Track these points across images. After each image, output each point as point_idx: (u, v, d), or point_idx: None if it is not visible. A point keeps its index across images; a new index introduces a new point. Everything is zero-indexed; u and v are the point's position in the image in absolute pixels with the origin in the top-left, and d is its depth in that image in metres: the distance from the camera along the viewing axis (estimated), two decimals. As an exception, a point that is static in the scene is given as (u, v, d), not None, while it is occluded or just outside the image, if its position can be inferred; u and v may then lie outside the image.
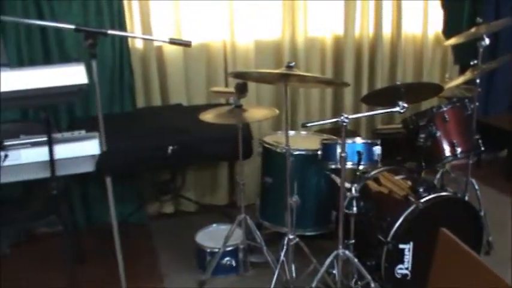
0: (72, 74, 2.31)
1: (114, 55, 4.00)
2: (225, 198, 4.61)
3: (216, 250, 3.48)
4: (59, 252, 3.39)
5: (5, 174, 2.57)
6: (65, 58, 3.82)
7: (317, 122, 3.03)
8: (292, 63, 2.84)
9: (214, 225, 3.82)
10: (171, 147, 3.62)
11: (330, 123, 2.94)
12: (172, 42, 2.52)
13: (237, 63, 4.36)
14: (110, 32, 2.50)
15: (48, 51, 3.87)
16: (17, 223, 2.95)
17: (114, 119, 3.90)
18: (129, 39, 4.06)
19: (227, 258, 3.53)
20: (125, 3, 4.04)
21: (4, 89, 2.25)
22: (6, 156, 2.54)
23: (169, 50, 4.19)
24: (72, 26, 2.45)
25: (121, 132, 3.56)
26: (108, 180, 2.61)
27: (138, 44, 4.16)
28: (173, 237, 4.12)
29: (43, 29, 3.87)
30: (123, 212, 4.08)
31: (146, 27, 4.10)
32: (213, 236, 3.67)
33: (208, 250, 3.54)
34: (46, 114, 2.41)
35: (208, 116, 3.20)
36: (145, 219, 4.33)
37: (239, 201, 4.22)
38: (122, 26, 3.97)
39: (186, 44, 2.52)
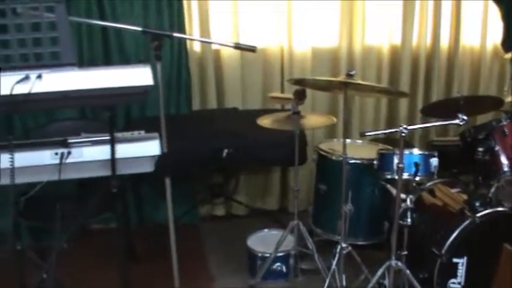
0: (138, 75, 2.35)
1: (172, 57, 4.05)
2: (276, 203, 4.62)
3: (267, 255, 3.48)
4: (112, 248, 3.44)
5: (67, 170, 2.62)
6: (124, 59, 3.90)
7: (376, 131, 3.02)
8: (353, 72, 2.84)
9: (265, 230, 3.83)
10: (226, 150, 3.64)
11: (387, 133, 2.93)
12: (237, 47, 2.54)
13: (294, 69, 4.36)
14: (175, 34, 2.54)
15: (108, 51, 3.95)
16: (76, 219, 3.00)
17: (171, 121, 3.93)
18: (188, 42, 4.10)
19: (278, 264, 3.54)
20: (185, 5, 4.08)
21: (72, 87, 2.31)
22: (69, 153, 2.60)
23: (227, 53, 4.22)
24: (140, 28, 2.50)
25: (177, 133, 3.60)
26: (167, 181, 2.64)
27: (196, 47, 4.21)
28: (224, 239, 4.14)
29: (104, 29, 3.95)
30: (175, 212, 4.12)
31: (205, 30, 4.14)
32: (264, 241, 3.67)
33: (260, 254, 3.55)
34: (110, 113, 2.45)
35: (265, 121, 3.21)
36: (197, 220, 4.37)
37: (292, 207, 4.26)
38: (181, 29, 4.02)
39: (251, 49, 2.53)
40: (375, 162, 3.18)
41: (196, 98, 4.24)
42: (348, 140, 3.75)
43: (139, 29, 2.50)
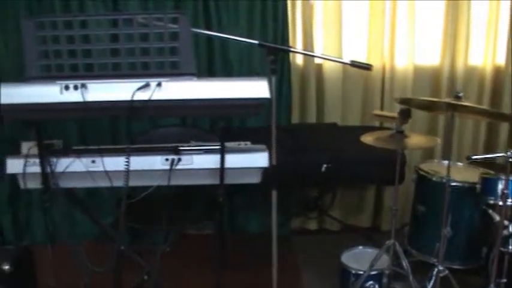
0: (255, 88, 2.40)
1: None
2: (368, 221, 4.59)
3: (361, 272, 3.45)
4: (206, 254, 3.52)
5: (176, 176, 2.69)
6: (227, 70, 3.98)
7: (483, 155, 2.96)
8: (461, 94, 2.80)
9: (360, 247, 3.79)
10: (325, 165, 3.65)
11: (494, 157, 2.87)
12: (354, 64, 2.54)
13: (394, 87, 4.32)
14: (292, 49, 2.57)
15: (212, 62, 4.04)
16: (180, 223, 3.09)
17: (270, 132, 3.98)
18: (291, 55, 4.13)
19: (371, 282, 3.49)
20: (289, 18, 4.12)
21: (190, 96, 2.38)
22: (179, 159, 2.67)
23: (329, 68, 4.23)
24: (256, 42, 2.55)
25: (277, 146, 3.64)
26: (274, 194, 2.68)
27: (298, 60, 4.24)
28: (315, 254, 4.14)
29: (209, 40, 4.04)
30: (267, 223, 4.16)
31: (308, 45, 4.15)
32: (358, 258, 3.64)
33: (353, 271, 3.51)
34: (223, 124, 2.52)
35: (368, 139, 3.21)
36: (289, 233, 4.39)
37: (384, 225, 4.22)
38: (285, 42, 4.05)
39: (367, 68, 2.53)
40: (477, 186, 3.12)
41: (296, 111, 4.27)
42: (447, 162, 3.73)
43: (256, 42, 2.55)
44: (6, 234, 4.34)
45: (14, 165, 2.76)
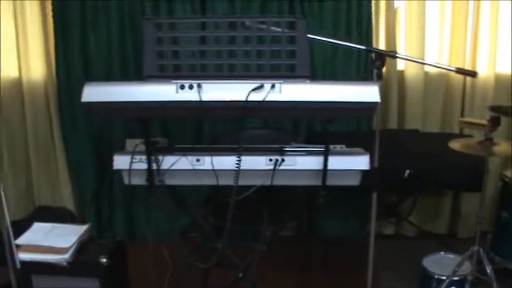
0: (366, 92, 2.43)
1: (358, 74, 4.12)
2: (444, 227, 4.58)
3: (443, 278, 3.46)
4: (289, 255, 3.56)
5: (278, 177, 2.74)
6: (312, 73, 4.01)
7: None
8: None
9: (441, 252, 3.80)
10: (408, 171, 3.65)
11: None
12: (459, 71, 2.56)
13: (475, 94, 4.31)
14: (398, 55, 2.61)
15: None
16: (279, 224, 3.14)
17: (351, 137, 4.01)
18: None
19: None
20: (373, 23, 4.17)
21: (303, 99, 2.43)
22: (282, 160, 2.71)
23: (411, 75, 4.24)
24: (363, 47, 2.59)
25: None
26: (374, 196, 2.71)
27: (380, 66, 4.25)
28: (393, 258, 4.15)
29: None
30: (344, 227, 4.22)
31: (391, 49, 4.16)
32: (439, 263, 3.64)
33: (436, 276, 3.52)
34: (328, 126, 2.57)
35: (456, 145, 3.22)
36: (367, 237, 4.39)
37: (462, 232, 4.21)
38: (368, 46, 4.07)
39: (472, 75, 2.55)
40: None
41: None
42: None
43: (363, 47, 2.59)
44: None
45: (120, 162, 2.84)
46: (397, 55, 2.62)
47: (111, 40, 4.21)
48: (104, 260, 3.21)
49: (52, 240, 3.32)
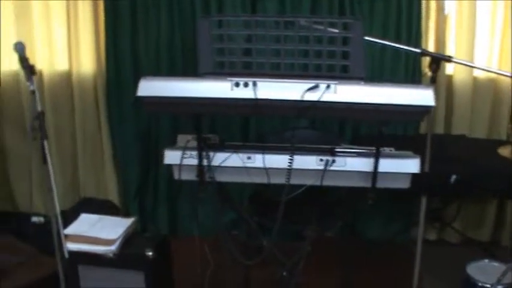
0: (420, 95, 2.42)
1: (406, 77, 4.10)
2: (487, 235, 4.52)
3: (488, 286, 3.42)
4: (330, 256, 3.56)
5: (328, 177, 2.74)
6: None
7: None
8: None
9: (486, 260, 3.76)
10: (454, 177, 3.63)
11: None
12: (517, 77, 2.54)
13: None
14: (454, 59, 2.60)
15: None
16: (325, 225, 3.15)
17: (399, 140, 4.00)
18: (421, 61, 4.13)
19: (497, 296, 3.46)
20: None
21: (357, 100, 2.43)
22: (333, 161, 2.72)
23: (460, 79, 4.21)
24: (418, 50, 2.58)
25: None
26: (424, 200, 2.70)
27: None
28: (435, 264, 4.11)
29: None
30: (388, 230, 4.20)
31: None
32: (483, 271, 3.60)
33: (480, 284, 3.48)
34: (381, 128, 2.57)
35: (506, 152, 3.20)
36: (409, 242, 4.38)
37: (507, 240, 4.15)
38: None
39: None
40: None
41: (423, 121, 4.26)
42: None
43: (418, 50, 2.58)
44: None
45: (171, 157, 2.87)
46: (453, 59, 2.60)
47: (160, 37, 4.26)
48: (150, 253, 3.25)
49: (99, 231, 3.37)
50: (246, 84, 2.50)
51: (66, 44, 4.40)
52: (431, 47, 4.20)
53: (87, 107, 4.49)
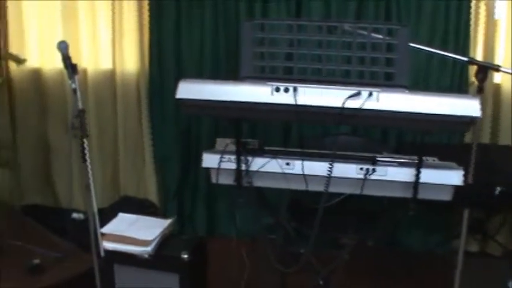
0: (466, 106, 2.35)
1: (452, 85, 4.00)
2: (531, 249, 4.39)
3: (530, 302, 3.33)
4: (366, 265, 3.50)
5: (368, 187, 2.69)
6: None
7: None
8: None
9: (530, 275, 3.66)
10: (499, 188, 3.53)
11: None
12: None
13: None
14: (502, 68, 2.51)
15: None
16: (365, 234, 3.11)
17: (443, 149, 3.91)
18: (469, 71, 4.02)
19: (540, 314, 3.37)
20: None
21: (400, 109, 2.37)
22: (374, 170, 2.66)
23: (508, 88, 4.07)
24: (465, 58, 2.51)
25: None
26: (466, 213, 2.62)
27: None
28: (476, 276, 4.01)
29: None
30: (428, 240, 4.11)
31: (488, 59, 3.96)
32: (527, 287, 3.52)
33: (522, 300, 3.40)
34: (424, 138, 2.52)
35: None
36: (449, 253, 4.28)
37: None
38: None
39: None
40: None
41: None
42: None
43: (465, 59, 2.51)
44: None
45: (209, 160, 2.86)
46: (501, 69, 2.52)
47: (204, 39, 4.25)
48: (185, 256, 3.25)
49: (136, 231, 3.38)
50: (286, 90, 2.46)
51: (111, 43, 4.44)
52: (479, 54, 4.08)
53: (129, 106, 4.51)
